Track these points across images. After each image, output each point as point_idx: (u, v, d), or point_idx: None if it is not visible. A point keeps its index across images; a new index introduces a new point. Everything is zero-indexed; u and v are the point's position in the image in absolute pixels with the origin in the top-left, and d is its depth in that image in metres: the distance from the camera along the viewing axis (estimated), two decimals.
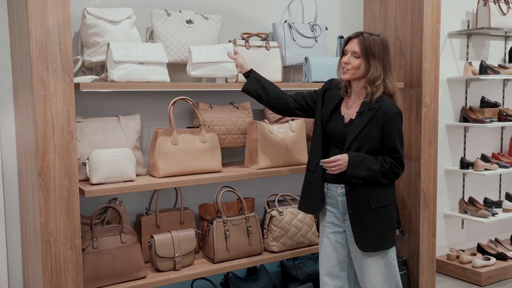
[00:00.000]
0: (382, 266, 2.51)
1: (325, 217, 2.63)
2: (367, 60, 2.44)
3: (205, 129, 2.78)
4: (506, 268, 4.04)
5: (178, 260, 2.69)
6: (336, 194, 2.55)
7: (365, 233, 2.47)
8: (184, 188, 3.05)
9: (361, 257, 2.52)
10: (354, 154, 2.43)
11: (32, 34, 2.20)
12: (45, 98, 2.24)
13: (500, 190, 4.64)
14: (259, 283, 3.12)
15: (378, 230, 2.48)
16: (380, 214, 2.49)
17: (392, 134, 2.44)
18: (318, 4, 3.43)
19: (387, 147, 2.46)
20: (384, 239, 2.49)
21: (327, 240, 2.62)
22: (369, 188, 2.46)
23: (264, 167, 2.92)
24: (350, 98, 2.57)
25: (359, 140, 2.46)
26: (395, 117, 2.44)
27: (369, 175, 2.42)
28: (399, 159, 2.47)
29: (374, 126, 2.44)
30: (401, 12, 3.42)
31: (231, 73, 2.80)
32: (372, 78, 2.45)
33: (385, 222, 2.50)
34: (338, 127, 2.52)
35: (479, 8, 4.13)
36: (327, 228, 2.62)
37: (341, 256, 2.60)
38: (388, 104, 2.46)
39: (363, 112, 2.47)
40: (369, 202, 2.46)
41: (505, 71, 4.21)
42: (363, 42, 2.44)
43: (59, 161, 2.28)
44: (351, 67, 2.47)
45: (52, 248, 2.29)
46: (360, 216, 2.47)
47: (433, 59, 3.33)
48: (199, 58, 2.70)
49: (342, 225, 2.57)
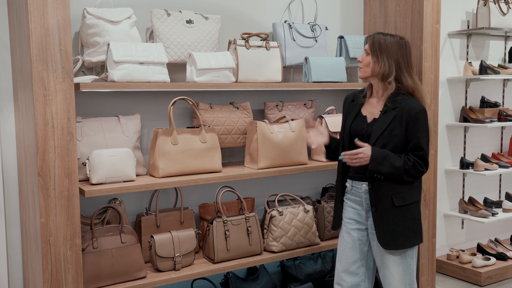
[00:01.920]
0: (400, 264, 2.52)
1: (347, 213, 2.64)
2: (376, 57, 2.50)
3: (205, 129, 2.78)
4: (506, 268, 4.04)
5: (178, 260, 2.69)
6: (360, 191, 2.57)
7: (388, 231, 2.48)
8: (184, 188, 3.05)
9: (381, 255, 2.53)
10: (378, 150, 2.44)
11: (32, 34, 2.20)
12: (45, 98, 2.24)
13: (500, 190, 4.64)
14: (259, 283, 3.12)
15: (401, 228, 2.49)
16: (404, 212, 2.50)
17: (417, 132, 2.46)
18: (318, 4, 3.44)
19: (411, 145, 2.48)
20: (408, 238, 2.50)
21: (348, 236, 2.63)
22: (392, 186, 2.47)
23: (264, 167, 2.92)
24: (373, 98, 2.62)
25: (383, 139, 2.48)
26: (420, 114, 2.47)
27: (391, 171, 2.43)
28: (423, 156, 2.48)
29: (398, 125, 2.47)
30: (401, 12, 3.42)
31: (231, 80, 2.85)
32: (381, 73, 2.50)
33: (408, 221, 2.51)
34: (361, 127, 2.57)
35: (479, 8, 4.13)
36: (349, 224, 2.63)
37: (360, 253, 2.61)
38: (412, 102, 2.49)
39: (387, 111, 2.51)
40: (392, 200, 2.47)
41: (505, 71, 4.21)
42: (373, 40, 2.52)
43: (59, 161, 2.28)
44: (363, 64, 2.56)
45: (52, 248, 2.29)
46: (383, 214, 2.49)
47: (433, 59, 3.33)
48: (203, 64, 2.72)
49: (365, 223, 2.58)
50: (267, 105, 3.21)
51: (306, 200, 3.31)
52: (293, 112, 3.27)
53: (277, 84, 3.04)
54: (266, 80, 3.02)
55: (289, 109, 3.26)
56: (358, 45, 3.43)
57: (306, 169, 3.05)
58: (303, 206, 3.09)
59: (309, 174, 3.55)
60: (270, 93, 3.35)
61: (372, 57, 2.52)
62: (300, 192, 3.52)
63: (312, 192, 3.59)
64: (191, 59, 2.77)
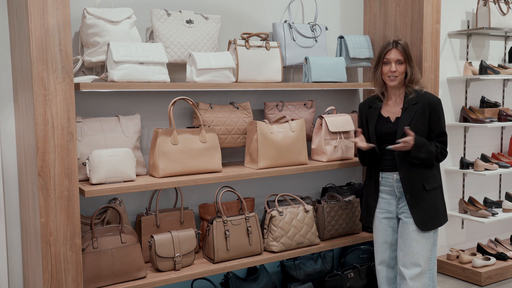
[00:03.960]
0: (430, 244, 2.77)
1: (378, 204, 2.89)
2: (409, 64, 2.82)
3: (205, 129, 2.78)
4: (506, 268, 4.04)
5: (178, 260, 2.69)
6: (392, 181, 2.82)
7: (423, 213, 2.75)
8: (184, 188, 3.05)
9: (414, 236, 2.75)
10: (418, 138, 2.70)
11: (32, 34, 2.20)
12: (45, 98, 2.24)
13: (500, 190, 4.64)
14: (259, 283, 3.12)
15: (433, 209, 2.78)
16: (433, 194, 2.79)
17: (439, 120, 2.80)
18: (318, 4, 3.44)
19: (436, 132, 2.79)
20: (438, 218, 2.80)
21: (379, 225, 2.90)
22: (421, 172, 2.76)
23: (264, 167, 2.92)
24: (390, 100, 2.89)
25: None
26: (439, 105, 2.81)
27: (428, 157, 2.72)
28: (446, 141, 2.82)
29: (420, 117, 2.77)
30: (401, 12, 3.42)
31: (231, 80, 2.86)
32: (415, 78, 2.83)
33: (437, 201, 2.81)
34: (387, 127, 2.82)
35: (479, 8, 4.13)
36: (379, 214, 2.89)
37: (393, 240, 2.87)
38: (429, 95, 2.83)
39: (408, 108, 2.79)
40: (423, 184, 2.76)
41: (505, 71, 4.21)
42: (403, 48, 2.81)
43: (59, 161, 2.28)
44: (398, 73, 2.81)
45: (52, 248, 2.29)
46: (417, 199, 2.76)
47: (433, 59, 3.33)
48: (203, 64, 2.72)
49: (395, 211, 2.85)
50: (267, 105, 3.21)
51: (306, 200, 3.31)
52: (293, 112, 3.27)
53: (277, 84, 3.04)
54: (266, 80, 3.02)
55: (289, 109, 3.26)
56: (358, 45, 3.43)
57: (306, 169, 3.05)
58: (303, 206, 3.09)
59: (309, 174, 3.55)
60: (270, 93, 3.35)
61: (407, 66, 2.81)
62: (300, 192, 3.52)
63: (312, 192, 3.59)
64: (191, 59, 2.77)
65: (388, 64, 2.81)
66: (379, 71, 2.85)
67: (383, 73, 2.84)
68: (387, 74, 2.82)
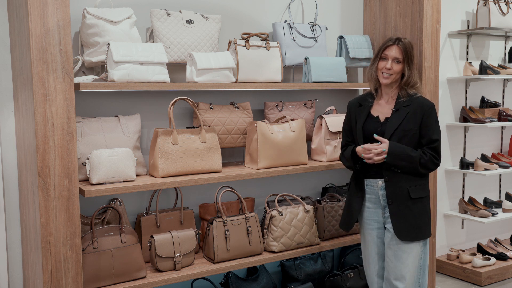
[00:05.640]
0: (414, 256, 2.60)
1: (365, 213, 2.73)
2: (408, 65, 2.64)
3: (205, 129, 2.78)
4: (506, 268, 4.04)
5: (178, 260, 2.69)
6: (376, 188, 2.66)
7: (403, 222, 2.58)
8: (184, 188, 3.05)
9: (396, 246, 2.61)
10: (394, 144, 2.56)
11: (32, 34, 2.20)
12: (45, 98, 2.24)
13: (500, 190, 4.64)
14: (259, 283, 3.12)
15: (416, 220, 2.59)
16: (418, 204, 2.60)
17: (431, 125, 2.61)
18: (318, 4, 3.44)
19: (427, 139, 2.60)
20: (421, 230, 2.60)
21: (369, 236, 2.73)
22: (408, 179, 2.58)
23: (264, 167, 2.92)
24: (382, 99, 2.73)
25: (398, 134, 2.59)
26: (432, 109, 2.63)
27: (408, 165, 2.55)
28: (438, 148, 2.61)
29: (411, 120, 2.60)
30: (401, 12, 3.42)
31: (231, 80, 2.85)
32: (412, 82, 2.65)
33: (422, 212, 2.62)
34: (375, 126, 2.66)
35: (479, 8, 4.13)
36: (367, 224, 2.73)
37: (382, 251, 2.71)
38: (423, 99, 2.66)
39: (399, 109, 2.63)
40: (408, 192, 2.58)
41: (505, 71, 4.21)
42: (404, 47, 2.64)
43: (59, 161, 2.28)
44: (393, 72, 2.64)
45: (52, 248, 2.29)
46: (399, 206, 2.59)
47: (433, 59, 3.33)
48: (203, 64, 2.72)
49: (382, 219, 2.68)
50: (267, 105, 3.21)
51: (306, 200, 3.31)
52: (293, 112, 3.27)
53: (277, 84, 3.04)
54: (266, 80, 3.02)
55: (289, 109, 3.26)
56: (358, 45, 3.43)
57: (306, 169, 3.05)
58: (303, 206, 3.09)
59: (309, 174, 3.55)
60: (270, 93, 3.35)
61: (405, 66, 2.64)
62: (300, 192, 3.52)
63: (312, 192, 3.59)
64: (191, 59, 2.77)
65: (385, 60, 2.64)
66: (375, 65, 2.69)
67: (378, 69, 2.67)
68: (382, 70, 2.64)
